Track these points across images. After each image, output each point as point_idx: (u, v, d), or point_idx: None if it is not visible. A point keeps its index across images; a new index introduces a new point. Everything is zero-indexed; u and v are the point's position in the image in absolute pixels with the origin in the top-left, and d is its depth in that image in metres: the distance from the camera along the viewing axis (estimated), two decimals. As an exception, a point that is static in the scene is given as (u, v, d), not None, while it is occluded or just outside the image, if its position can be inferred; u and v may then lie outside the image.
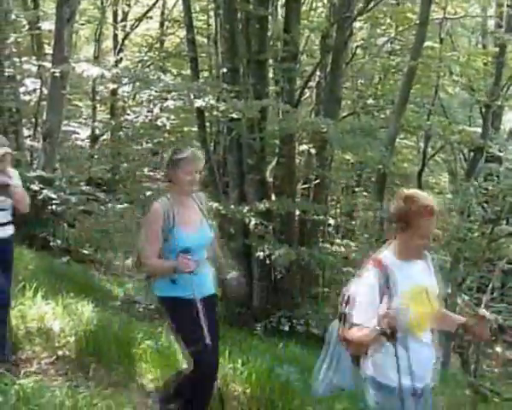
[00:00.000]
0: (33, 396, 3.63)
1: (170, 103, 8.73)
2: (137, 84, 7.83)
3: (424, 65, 10.55)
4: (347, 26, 9.55)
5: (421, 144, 13.36)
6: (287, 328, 7.77)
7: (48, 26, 16.10)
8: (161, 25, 19.26)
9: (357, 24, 11.57)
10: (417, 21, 10.74)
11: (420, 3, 8.91)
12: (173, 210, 3.90)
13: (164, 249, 3.90)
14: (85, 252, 11.93)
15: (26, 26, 16.55)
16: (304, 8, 12.19)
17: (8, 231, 4.90)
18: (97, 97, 17.01)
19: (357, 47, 12.86)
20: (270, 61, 9.92)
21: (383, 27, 13.75)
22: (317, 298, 9.19)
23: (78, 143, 16.01)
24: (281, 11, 11.07)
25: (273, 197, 9.08)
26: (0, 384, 3.70)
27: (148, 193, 10.35)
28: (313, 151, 10.72)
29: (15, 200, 4.76)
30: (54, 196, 8.96)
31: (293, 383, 4.92)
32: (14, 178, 4.80)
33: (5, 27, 11.62)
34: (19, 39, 15.22)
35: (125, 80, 7.56)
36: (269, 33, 9.72)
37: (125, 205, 12.43)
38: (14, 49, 14.13)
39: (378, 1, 9.94)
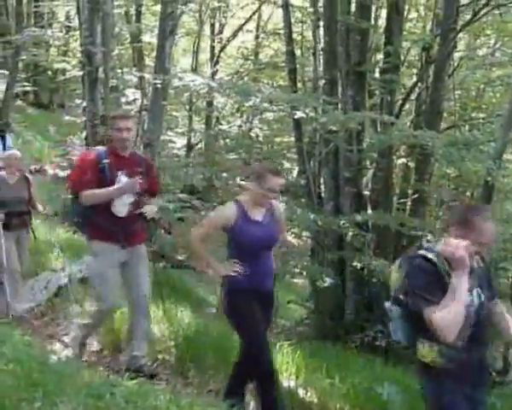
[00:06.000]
0: (139, 399, 3.69)
1: (268, 115, 8.78)
2: (236, 95, 7.90)
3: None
4: (452, 37, 9.27)
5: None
6: (383, 344, 7.54)
7: (148, 38, 16.72)
8: (256, 37, 19.53)
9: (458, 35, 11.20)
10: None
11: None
12: None
13: None
14: (179, 258, 12.20)
15: (128, 39, 17.23)
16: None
17: None
18: (193, 108, 17.44)
19: (460, 59, 12.46)
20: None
21: (483, 38, 13.31)
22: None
23: (175, 151, 16.45)
24: (382, 23, 10.92)
25: (369, 211, 8.91)
26: (108, 386, 3.79)
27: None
28: (411, 165, 10.46)
29: None
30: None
31: (393, 404, 4.77)
32: None
33: (110, 40, 12.10)
34: (121, 51, 15.86)
35: (228, 92, 7.65)
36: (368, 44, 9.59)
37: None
38: (117, 61, 14.75)
39: (486, 12, 9.55)
